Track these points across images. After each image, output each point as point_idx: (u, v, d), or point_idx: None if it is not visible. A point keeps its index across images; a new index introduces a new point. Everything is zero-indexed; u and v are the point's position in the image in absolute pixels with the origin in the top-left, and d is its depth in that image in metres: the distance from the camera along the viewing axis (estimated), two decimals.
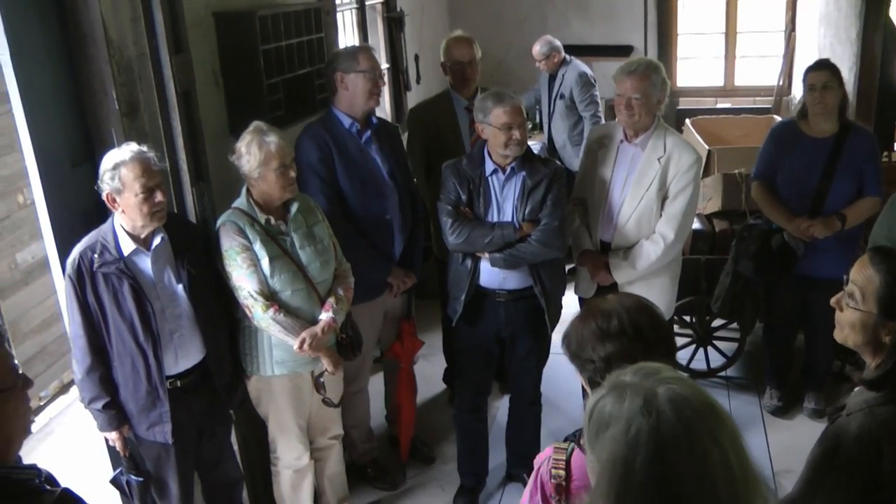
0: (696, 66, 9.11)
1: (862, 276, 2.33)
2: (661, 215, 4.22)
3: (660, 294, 4.39)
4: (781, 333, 5.27)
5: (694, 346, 5.66)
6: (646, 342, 2.18)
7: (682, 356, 5.63)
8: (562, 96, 6.91)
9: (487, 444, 4.60)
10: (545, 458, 2.27)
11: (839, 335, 2.43)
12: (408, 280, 4.44)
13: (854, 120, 5.14)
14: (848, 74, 6.15)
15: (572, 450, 2.23)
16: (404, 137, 4.98)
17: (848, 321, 2.37)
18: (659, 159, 4.17)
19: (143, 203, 3.18)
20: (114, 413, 3.36)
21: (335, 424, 4.17)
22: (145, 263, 3.33)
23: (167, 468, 3.54)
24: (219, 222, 3.65)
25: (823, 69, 4.70)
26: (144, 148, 3.23)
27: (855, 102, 6.09)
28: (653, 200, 4.20)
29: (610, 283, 4.33)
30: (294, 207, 3.72)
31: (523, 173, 3.98)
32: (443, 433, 5.06)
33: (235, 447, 4.02)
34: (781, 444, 4.88)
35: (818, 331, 5.03)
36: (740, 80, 8.93)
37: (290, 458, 3.99)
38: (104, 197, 3.21)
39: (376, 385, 5.03)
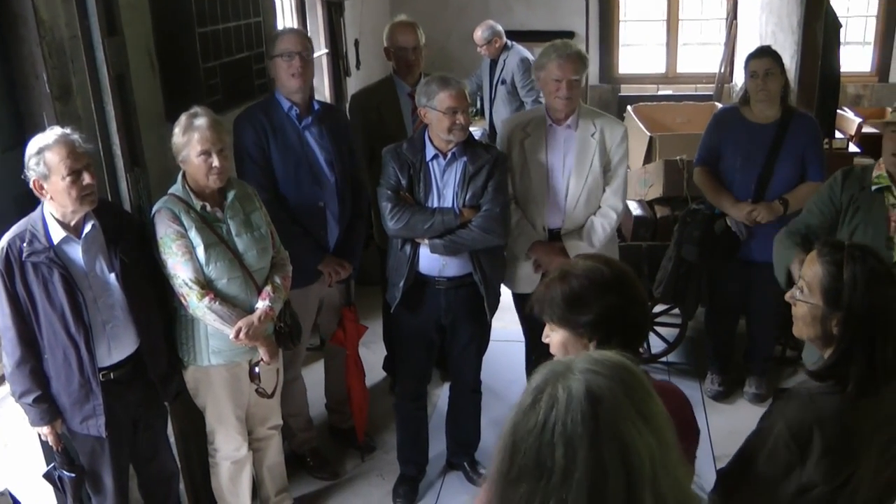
0: (638, 53, 9.14)
1: (810, 269, 2.35)
2: (604, 189, 4.29)
3: None
4: (723, 318, 5.30)
5: None
6: (636, 291, 2.26)
7: None
8: (503, 82, 6.90)
9: (428, 433, 4.57)
10: None
11: (796, 330, 2.44)
12: (341, 269, 4.35)
13: (796, 106, 5.18)
14: (790, 62, 6.19)
15: None
16: None
17: (800, 315, 2.39)
18: (593, 135, 4.24)
19: (70, 186, 3.08)
20: (46, 407, 3.27)
21: (274, 414, 4.11)
22: (76, 252, 3.23)
23: (102, 462, 3.46)
24: (154, 209, 3.56)
25: (766, 56, 4.73)
26: (69, 130, 3.13)
27: (797, 90, 6.13)
28: (599, 177, 4.26)
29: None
30: (231, 194, 3.64)
31: (464, 159, 3.95)
32: (384, 422, 5.01)
33: (172, 439, 3.94)
34: (722, 428, 4.90)
35: (760, 315, 5.08)
36: (682, 68, 8.99)
37: (228, 449, 3.91)
38: (31, 184, 3.11)
39: (316, 374, 4.97)
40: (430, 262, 4.04)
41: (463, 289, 4.09)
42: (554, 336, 2.31)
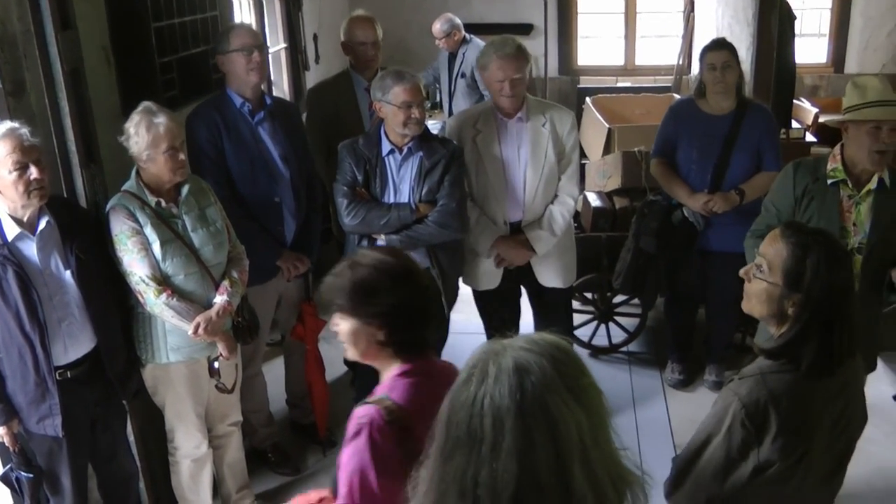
0: (597, 45, 9.18)
1: (772, 248, 2.38)
2: (559, 178, 4.32)
3: (565, 272, 4.49)
4: (683, 308, 5.35)
5: (595, 323, 5.71)
6: (421, 280, 2.36)
7: (584, 333, 5.69)
8: (463, 75, 6.91)
9: None
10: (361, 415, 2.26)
11: (746, 305, 2.48)
12: (299, 264, 4.34)
13: (752, 98, 5.23)
14: (745, 54, 6.26)
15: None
16: (304, 118, 4.90)
17: (755, 292, 2.42)
18: (544, 126, 4.27)
19: (17, 180, 3.05)
20: (1, 407, 3.24)
21: (234, 410, 4.09)
22: (31, 249, 3.19)
23: (60, 463, 3.43)
24: (108, 206, 3.53)
25: (723, 49, 4.77)
26: (17, 124, 3.10)
27: (753, 81, 6.19)
28: (554, 167, 4.29)
29: (528, 260, 4.38)
30: (185, 189, 3.61)
31: (420, 153, 3.96)
32: (345, 416, 4.93)
33: (132, 438, 3.91)
34: (682, 416, 4.96)
35: (719, 304, 5.13)
36: (641, 60, 9.05)
37: (188, 447, 3.89)
38: None
39: (277, 369, 4.96)
40: None
41: None
42: (342, 325, 2.36)
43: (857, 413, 2.51)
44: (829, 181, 3.62)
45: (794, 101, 7.16)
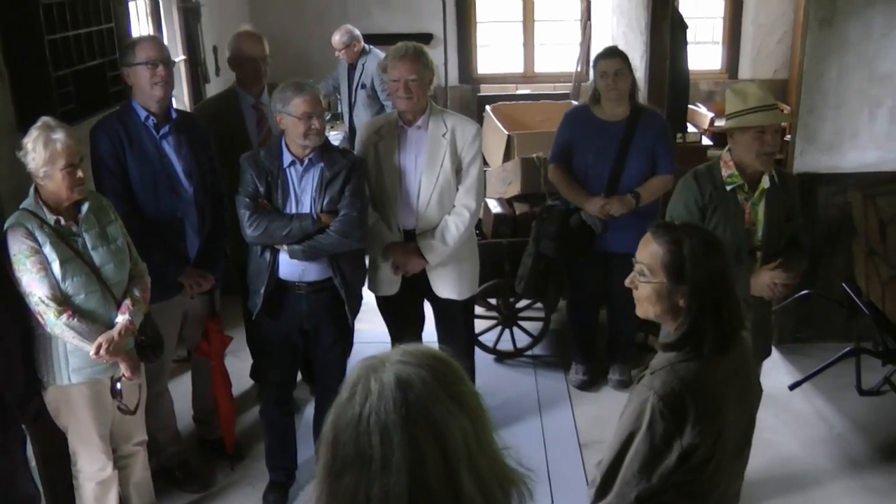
0: (496, 53, 9.28)
1: (647, 252, 2.47)
2: (457, 189, 4.36)
3: (462, 284, 4.54)
4: (584, 309, 5.44)
5: (500, 328, 5.77)
6: None
7: (489, 338, 5.75)
8: (363, 86, 6.93)
9: (295, 438, 4.55)
10: None
11: (640, 311, 2.57)
12: (202, 281, 4.31)
13: (647, 104, 5.37)
14: (640, 61, 6.43)
15: None
16: None
17: (644, 296, 2.51)
18: (443, 135, 4.31)
19: None
20: None
21: (139, 430, 4.03)
22: None
23: None
24: (6, 225, 3.46)
25: (615, 56, 4.89)
26: None
27: (647, 88, 6.36)
28: (450, 176, 4.32)
29: (421, 269, 4.41)
30: (85, 207, 3.55)
31: (321, 164, 3.97)
32: (253, 430, 4.98)
33: (33, 463, 3.83)
34: (588, 416, 5.07)
35: (619, 304, 5.23)
36: (540, 67, 9.19)
37: (92, 470, 3.81)
38: None
39: (185, 386, 4.91)
40: (290, 267, 4.05)
41: (324, 293, 4.12)
42: None
43: (754, 386, 2.66)
44: (728, 187, 3.75)
45: (690, 106, 7.39)
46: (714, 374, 2.42)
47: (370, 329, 5.04)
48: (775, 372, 5.46)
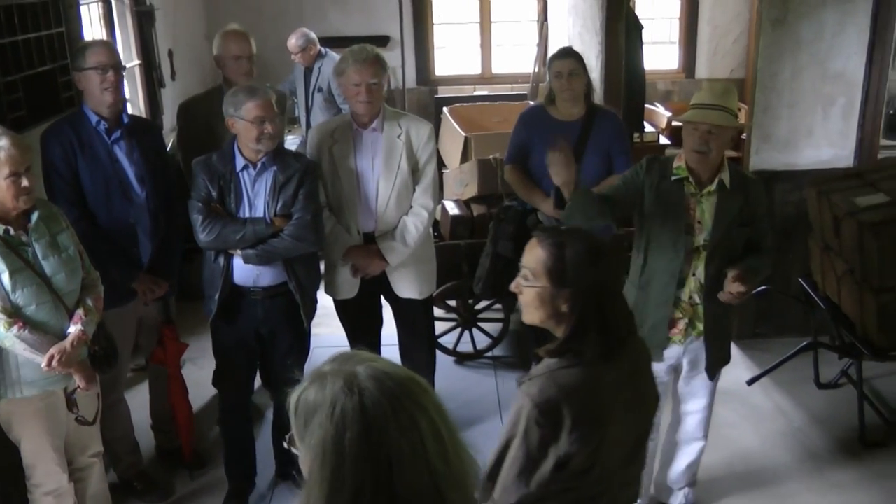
0: (454, 55, 9.28)
1: (531, 255, 2.46)
2: (414, 189, 4.37)
3: (422, 283, 4.54)
4: None
5: (459, 330, 5.78)
6: None
7: (449, 340, 5.76)
8: (320, 89, 6.91)
9: (254, 444, 4.53)
10: None
11: (525, 317, 2.55)
12: (156, 287, 4.27)
13: (603, 104, 5.38)
14: (595, 62, 6.45)
15: None
16: (172, 135, 4.78)
17: (528, 301, 2.49)
18: (399, 137, 4.32)
19: None
20: None
21: (94, 441, 3.96)
22: None
23: None
24: None
25: (569, 57, 4.89)
26: None
27: (603, 88, 6.38)
28: (407, 177, 4.34)
29: (381, 270, 4.41)
30: (35, 216, 3.48)
31: (274, 168, 3.96)
32: (215, 438, 4.94)
33: None
34: None
35: None
36: (498, 68, 9.20)
37: (48, 484, 3.74)
38: None
39: (144, 395, 4.86)
40: (245, 272, 4.03)
41: (279, 297, 4.10)
42: None
43: (649, 393, 2.63)
44: (673, 177, 3.76)
45: (648, 105, 7.43)
46: (598, 382, 2.39)
47: (329, 333, 5.02)
48: (734, 367, 5.47)
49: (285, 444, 1.64)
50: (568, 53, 4.94)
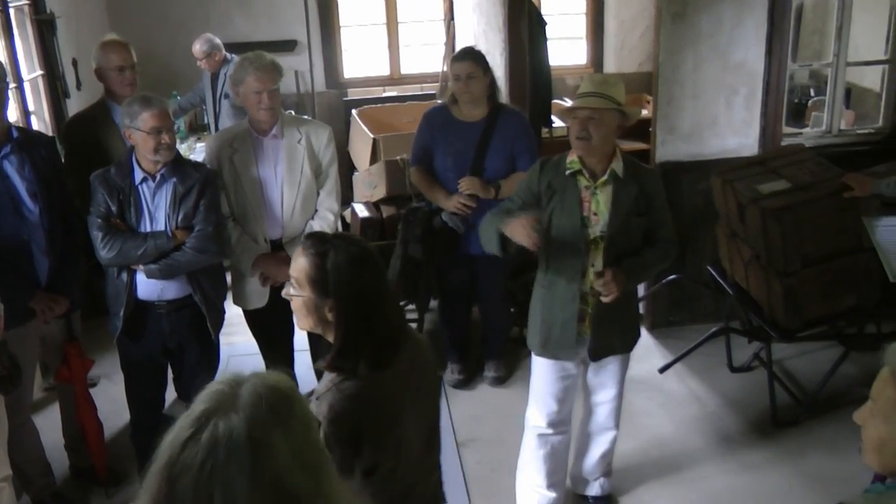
0: (362, 57, 9.25)
1: (296, 265, 2.46)
2: (318, 194, 4.39)
3: None
4: (456, 309, 5.48)
5: None
6: None
7: None
8: (227, 96, 6.82)
9: None
10: None
11: (300, 324, 2.55)
12: (54, 305, 4.15)
13: (509, 101, 5.40)
14: (500, 59, 6.48)
15: None
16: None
17: (297, 309, 2.49)
18: (299, 142, 4.33)
19: None
20: None
21: (2, 465, 3.84)
22: None
23: None
24: None
25: (467, 59, 4.92)
26: None
27: (508, 85, 6.41)
28: (311, 182, 4.37)
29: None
30: None
31: (174, 179, 3.91)
32: (127, 453, 4.83)
33: None
34: (465, 414, 5.11)
35: (489, 302, 5.31)
36: (407, 69, 9.19)
37: None
38: None
39: (55, 414, 4.75)
40: (149, 287, 3.99)
41: (185, 310, 4.07)
42: None
43: (429, 380, 2.67)
44: (567, 171, 3.78)
45: (556, 100, 7.50)
46: (382, 386, 2.41)
47: (244, 341, 4.97)
48: (649, 356, 5.59)
49: None
50: (466, 55, 4.96)
